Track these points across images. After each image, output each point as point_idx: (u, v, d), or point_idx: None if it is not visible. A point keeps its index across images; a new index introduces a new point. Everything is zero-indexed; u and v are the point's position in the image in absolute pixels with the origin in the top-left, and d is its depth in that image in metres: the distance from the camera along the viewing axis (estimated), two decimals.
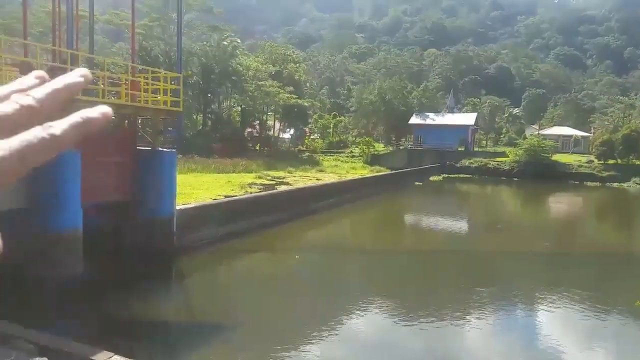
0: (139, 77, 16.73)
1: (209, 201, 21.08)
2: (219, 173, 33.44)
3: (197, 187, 24.80)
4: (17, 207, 12.63)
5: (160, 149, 17.07)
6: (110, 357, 7.26)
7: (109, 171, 15.34)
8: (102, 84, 15.03)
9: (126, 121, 17.41)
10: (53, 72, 5.43)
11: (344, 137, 78.73)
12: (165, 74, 17.92)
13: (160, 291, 14.09)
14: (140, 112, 16.64)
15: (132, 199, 16.10)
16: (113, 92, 17.55)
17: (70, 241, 12.93)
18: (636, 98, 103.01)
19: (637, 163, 56.54)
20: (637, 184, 52.36)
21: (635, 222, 34.92)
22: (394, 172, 48.55)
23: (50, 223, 12.64)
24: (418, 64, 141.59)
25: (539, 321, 12.85)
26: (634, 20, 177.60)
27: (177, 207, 17.22)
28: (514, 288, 15.56)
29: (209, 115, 55.81)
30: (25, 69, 12.68)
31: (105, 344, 7.80)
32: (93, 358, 7.23)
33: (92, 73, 11.29)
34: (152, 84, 16.69)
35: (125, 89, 15.47)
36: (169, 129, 29.12)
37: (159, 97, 16.91)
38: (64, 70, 12.78)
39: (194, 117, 53.58)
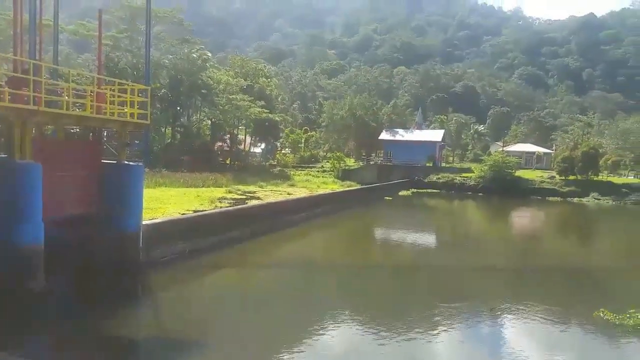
0: (105, 88, 16.40)
1: (177, 216, 20.69)
2: (188, 187, 32.93)
3: (165, 202, 24.33)
4: None
5: (126, 162, 16.69)
6: None
7: (73, 184, 14.89)
8: (67, 96, 14.66)
9: (91, 134, 17.00)
10: (14, 83, 5.29)
11: (315, 152, 79.14)
12: (132, 86, 17.62)
13: (126, 308, 13.66)
14: (106, 124, 16.27)
15: (97, 213, 15.65)
16: (78, 104, 17.13)
17: (31, 255, 12.42)
18: (594, 117, 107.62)
19: (595, 179, 58.85)
20: (595, 199, 54.39)
21: (593, 236, 36.18)
22: (364, 187, 49.01)
23: (9, 237, 12.12)
24: (388, 81, 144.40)
25: (505, 334, 13.08)
26: (591, 44, 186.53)
27: (144, 222, 16.83)
28: (479, 302, 15.78)
29: (178, 129, 55.09)
30: None
31: None
32: None
33: (56, 85, 11.05)
34: (119, 96, 16.38)
35: (91, 100, 15.12)
36: (136, 142, 28.57)
37: (126, 110, 16.60)
38: (25, 81, 12.43)
39: (163, 130, 52.78)
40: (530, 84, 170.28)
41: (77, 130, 19.49)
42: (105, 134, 18.30)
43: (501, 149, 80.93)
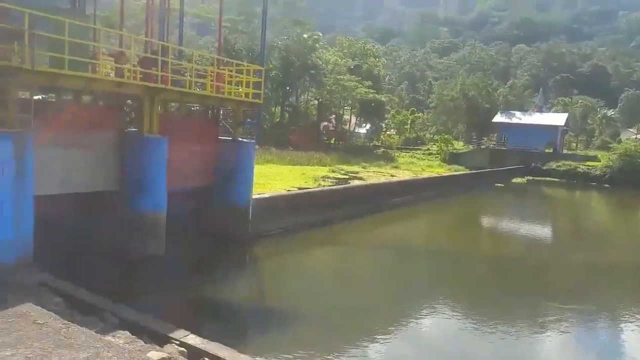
0: (224, 69, 17.28)
1: (283, 192, 21.44)
2: (293, 165, 33.95)
3: (272, 178, 25.33)
4: (110, 189, 13.58)
5: (240, 139, 17.57)
6: (186, 336, 7.58)
7: (193, 158, 16.03)
8: (189, 76, 15.69)
9: (210, 111, 18.08)
10: (145, 63, 5.65)
11: (422, 134, 76.97)
12: (248, 66, 18.38)
13: (235, 276, 14.54)
14: (224, 103, 17.20)
15: (212, 185, 16.74)
16: (199, 84, 18.29)
17: (155, 223, 13.66)
18: None
19: None
20: None
21: None
22: (473, 172, 46.73)
23: (137, 205, 13.41)
24: (505, 60, 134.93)
25: (621, 344, 11.70)
26: None
27: (253, 196, 17.68)
28: (595, 304, 14.29)
29: (287, 108, 56.82)
30: (120, 59, 13.52)
31: (182, 322, 8.15)
32: (170, 335, 7.58)
33: (180, 65, 11.77)
34: (236, 76, 17.17)
35: (211, 80, 16.04)
36: (248, 120, 29.92)
37: (241, 89, 17.38)
38: (154, 61, 13.49)
39: (272, 109, 54.77)
40: None
41: (197, 107, 20.86)
42: (221, 112, 19.35)
43: (634, 137, 72.18)
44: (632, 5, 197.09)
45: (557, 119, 69.74)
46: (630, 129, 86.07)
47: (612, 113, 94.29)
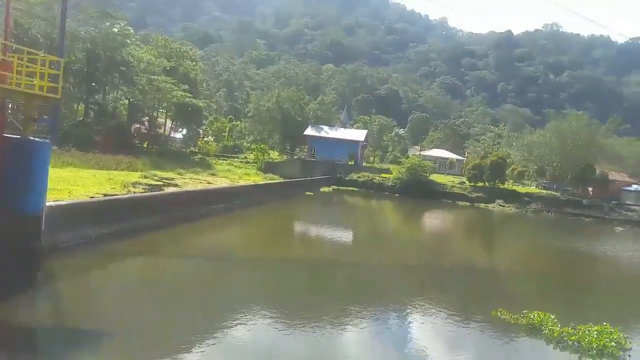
0: (12, 57, 14.94)
1: (85, 199, 19.41)
2: (99, 169, 31.03)
3: (73, 183, 22.74)
4: None
5: (31, 138, 15.36)
6: None
7: None
8: None
9: None
10: None
11: (239, 142, 77.92)
12: (43, 56, 16.20)
13: (22, 295, 12.57)
14: (11, 95, 14.87)
15: None
16: None
17: None
18: (504, 129, 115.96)
19: (501, 187, 63.55)
20: (500, 205, 58.75)
21: (496, 240, 39.06)
22: (286, 180, 49.09)
23: None
24: (316, 77, 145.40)
25: (408, 333, 13.53)
26: (507, 60, 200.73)
27: (48, 204, 15.60)
28: (388, 300, 16.32)
29: (92, 106, 51.70)
30: None
31: None
32: None
33: None
34: (27, 66, 15.00)
35: None
36: (44, 117, 26.44)
37: (35, 81, 15.24)
38: None
39: (75, 106, 49.21)
40: (449, 92, 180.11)
41: None
42: (10, 106, 16.68)
43: (418, 153, 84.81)
44: (420, 38, 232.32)
45: (358, 134, 78.00)
46: (415, 146, 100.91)
47: (403, 132, 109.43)
